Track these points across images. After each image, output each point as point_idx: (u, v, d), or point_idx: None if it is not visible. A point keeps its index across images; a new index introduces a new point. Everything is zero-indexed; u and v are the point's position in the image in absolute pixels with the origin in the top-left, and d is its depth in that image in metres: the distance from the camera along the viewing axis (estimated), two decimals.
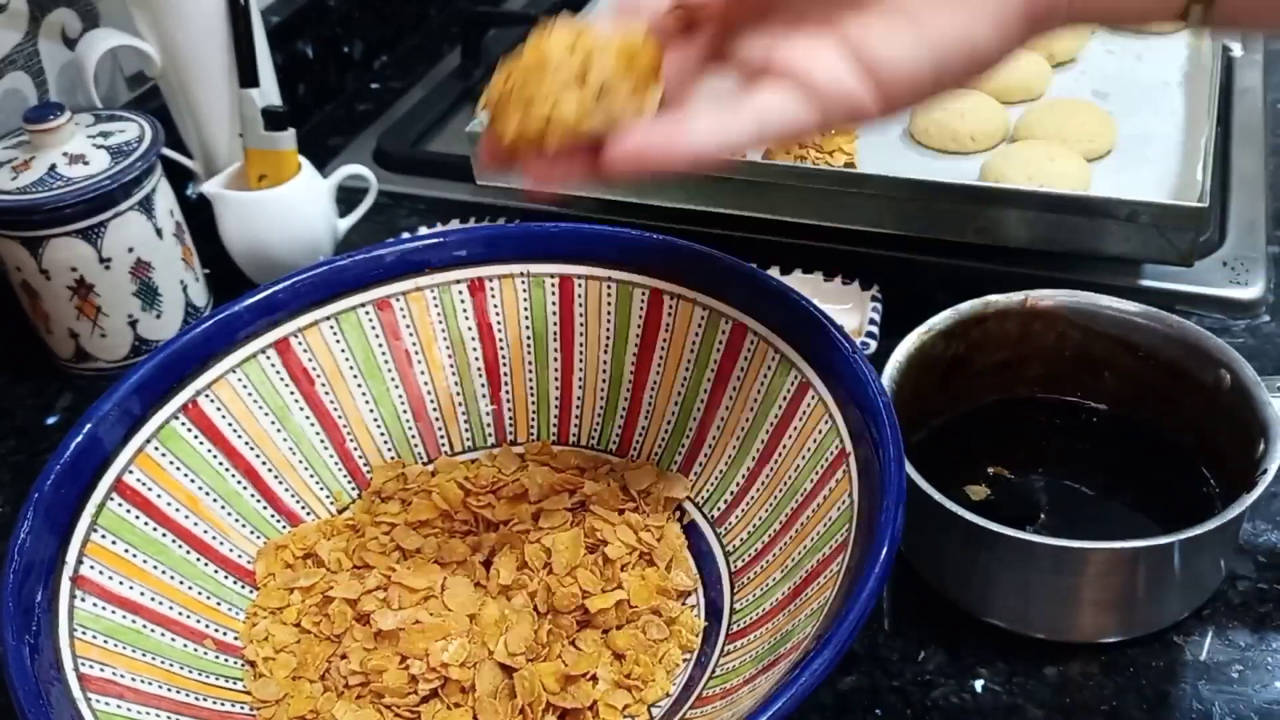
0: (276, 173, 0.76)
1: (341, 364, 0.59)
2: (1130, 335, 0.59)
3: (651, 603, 0.52)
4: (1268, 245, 0.75)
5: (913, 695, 0.52)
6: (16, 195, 0.65)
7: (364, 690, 0.50)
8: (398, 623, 0.51)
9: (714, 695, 0.48)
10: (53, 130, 0.66)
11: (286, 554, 0.55)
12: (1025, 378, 0.62)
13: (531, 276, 0.60)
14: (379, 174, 0.86)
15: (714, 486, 0.57)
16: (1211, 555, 0.52)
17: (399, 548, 0.56)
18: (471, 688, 0.49)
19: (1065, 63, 0.87)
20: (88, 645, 0.46)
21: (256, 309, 0.57)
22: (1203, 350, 0.56)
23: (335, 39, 1.01)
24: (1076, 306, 0.59)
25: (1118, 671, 0.52)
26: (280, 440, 0.57)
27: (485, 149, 0.45)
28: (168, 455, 0.53)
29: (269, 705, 0.50)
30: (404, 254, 0.59)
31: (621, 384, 0.60)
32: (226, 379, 0.56)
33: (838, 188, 0.71)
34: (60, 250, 0.67)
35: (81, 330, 0.71)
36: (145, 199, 0.69)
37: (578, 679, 0.50)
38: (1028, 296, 0.59)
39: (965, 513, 0.50)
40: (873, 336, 0.68)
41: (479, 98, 0.97)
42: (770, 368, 0.55)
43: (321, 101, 1.00)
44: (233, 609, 0.53)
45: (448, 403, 0.61)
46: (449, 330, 0.60)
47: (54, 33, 0.78)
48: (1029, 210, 0.68)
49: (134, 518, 0.51)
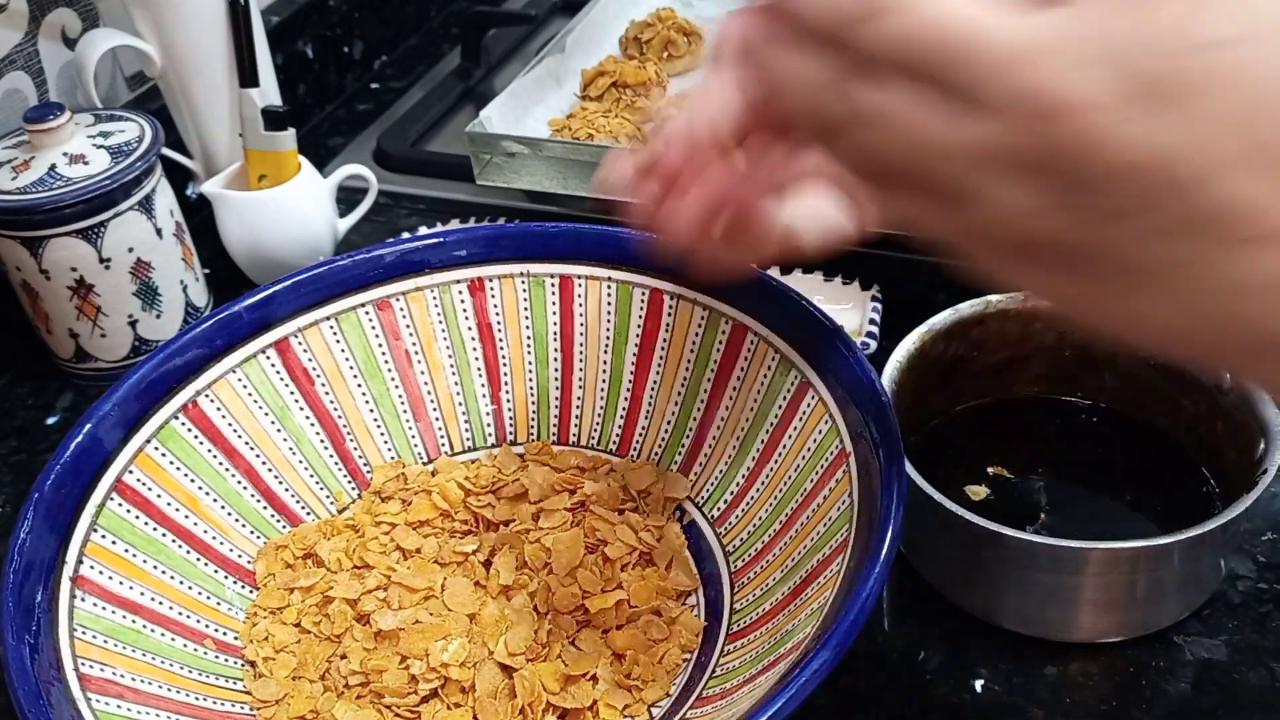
0: (276, 173, 0.76)
1: (341, 364, 0.59)
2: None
3: (651, 603, 0.52)
4: None
5: (913, 695, 0.52)
6: (16, 195, 0.65)
7: (364, 690, 0.50)
8: (398, 623, 0.51)
9: (714, 695, 0.48)
10: (53, 130, 0.67)
11: (286, 554, 0.55)
12: (1025, 378, 0.62)
13: (531, 276, 0.60)
14: (379, 174, 0.86)
15: (714, 486, 0.57)
16: (1211, 555, 0.52)
17: (399, 548, 0.56)
18: (471, 688, 0.49)
19: None
20: (88, 645, 0.46)
21: (256, 309, 0.57)
22: None
23: (335, 39, 1.01)
24: None
25: (1117, 671, 0.52)
26: (280, 440, 0.57)
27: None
28: (168, 455, 0.53)
29: (269, 705, 0.50)
30: (404, 254, 0.59)
31: (621, 384, 0.60)
32: (226, 379, 0.56)
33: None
34: (60, 250, 0.67)
35: (81, 330, 0.71)
36: (145, 199, 0.69)
37: (578, 679, 0.50)
38: (1028, 296, 0.59)
39: (965, 513, 0.50)
40: (873, 336, 0.68)
41: (479, 97, 0.98)
42: (770, 368, 0.55)
43: (321, 101, 1.00)
44: (233, 609, 0.53)
45: (448, 403, 0.61)
46: (449, 330, 0.60)
47: (54, 33, 0.78)
48: None
49: (134, 518, 0.51)
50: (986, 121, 0.29)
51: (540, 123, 0.85)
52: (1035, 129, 0.28)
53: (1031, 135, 0.28)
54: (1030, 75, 0.28)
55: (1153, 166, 0.28)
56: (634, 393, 0.60)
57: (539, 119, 0.86)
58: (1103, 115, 0.28)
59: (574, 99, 0.90)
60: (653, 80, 0.88)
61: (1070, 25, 0.28)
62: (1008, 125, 0.29)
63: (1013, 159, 0.29)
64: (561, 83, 0.90)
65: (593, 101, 0.88)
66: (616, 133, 0.80)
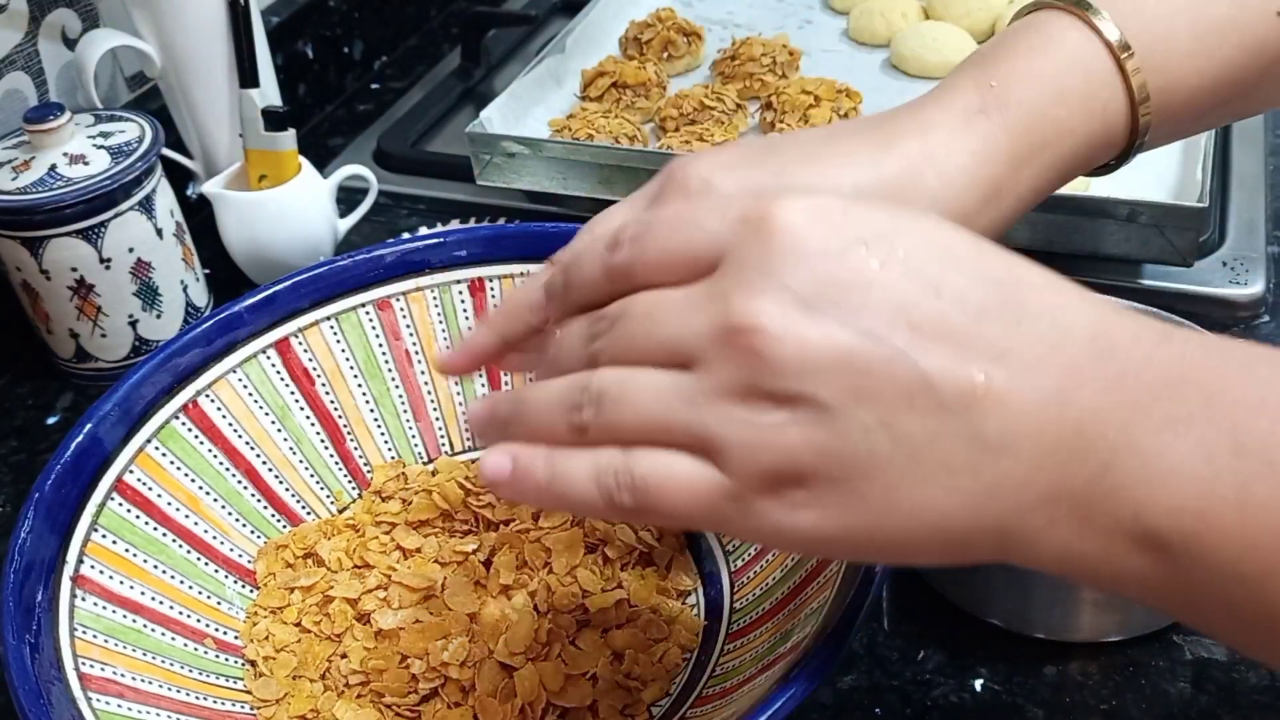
0: (277, 173, 0.76)
1: (342, 364, 0.59)
2: None
3: (651, 602, 0.52)
4: (1267, 245, 0.75)
5: (912, 695, 0.52)
6: (17, 195, 0.65)
7: (364, 689, 0.50)
8: (398, 622, 0.51)
9: (714, 695, 0.48)
10: (53, 130, 0.67)
11: (287, 553, 0.55)
12: None
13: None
14: (379, 174, 0.86)
15: None
16: None
17: (399, 547, 0.56)
18: (471, 687, 0.49)
19: None
20: (88, 644, 0.46)
21: (256, 309, 0.57)
22: None
23: (335, 39, 1.01)
24: None
25: (1117, 671, 0.52)
26: (281, 440, 0.57)
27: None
28: (168, 455, 0.53)
29: (269, 704, 0.50)
30: (404, 254, 0.59)
31: None
32: (227, 379, 0.56)
33: None
34: (60, 250, 0.67)
35: (82, 330, 0.71)
36: (145, 199, 0.69)
37: (578, 678, 0.50)
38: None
39: None
40: None
41: (479, 98, 0.98)
42: None
43: (322, 102, 1.00)
44: (233, 608, 0.53)
45: (448, 402, 0.61)
46: (449, 330, 0.60)
47: (54, 33, 0.78)
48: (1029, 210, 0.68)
49: (134, 517, 0.51)
50: (699, 369, 0.33)
51: (540, 123, 0.85)
52: (726, 356, 0.32)
53: (726, 362, 0.32)
54: (709, 315, 0.33)
55: (837, 357, 0.31)
56: None
57: (539, 119, 0.86)
58: (776, 323, 0.31)
59: (574, 99, 0.90)
60: (653, 80, 0.88)
61: (721, 276, 0.33)
62: (710, 363, 0.32)
63: (724, 388, 0.32)
64: (561, 83, 0.90)
65: (593, 102, 0.88)
66: (616, 133, 0.80)
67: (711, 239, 0.34)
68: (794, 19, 0.99)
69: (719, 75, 0.90)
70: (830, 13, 0.99)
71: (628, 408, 0.34)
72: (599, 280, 0.37)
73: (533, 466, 0.36)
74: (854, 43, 0.95)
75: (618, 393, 0.34)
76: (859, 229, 0.32)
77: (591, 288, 0.37)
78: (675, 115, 0.83)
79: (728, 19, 1.00)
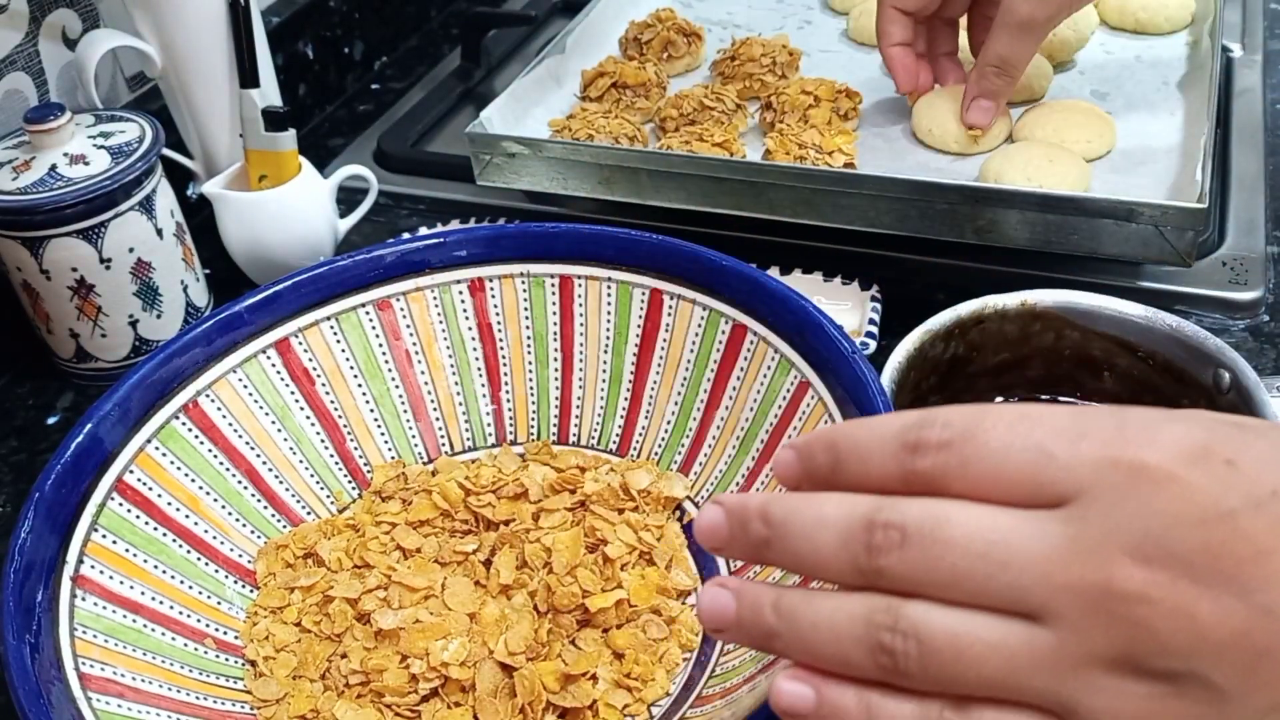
0: (277, 173, 0.76)
1: (342, 364, 0.59)
2: (1130, 335, 0.59)
3: (651, 602, 0.52)
4: (1267, 245, 0.75)
5: None
6: (17, 195, 0.65)
7: (364, 690, 0.50)
8: (398, 622, 0.51)
9: (714, 694, 0.48)
10: (53, 130, 0.67)
11: (287, 553, 0.55)
12: (1025, 378, 0.62)
13: (531, 276, 0.60)
14: (379, 174, 0.86)
15: (714, 486, 0.57)
16: None
17: (399, 547, 0.56)
18: (471, 687, 0.49)
19: (1065, 63, 0.87)
20: (88, 644, 0.46)
21: (256, 309, 0.57)
22: (1202, 350, 0.56)
23: (335, 39, 1.01)
24: (1075, 307, 0.59)
25: None
26: (281, 440, 0.57)
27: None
28: (168, 455, 0.53)
29: (269, 704, 0.50)
30: (404, 254, 0.60)
31: (621, 384, 0.60)
32: (227, 379, 0.56)
33: (837, 188, 0.71)
34: (61, 250, 0.67)
35: (82, 330, 0.71)
36: (145, 199, 0.69)
37: (578, 678, 0.50)
38: (1026, 297, 0.59)
39: None
40: (872, 337, 0.68)
41: (479, 98, 0.98)
42: (770, 367, 0.55)
43: (322, 102, 1.00)
44: (233, 608, 0.53)
45: (448, 402, 0.61)
46: (449, 330, 0.60)
47: (54, 33, 0.78)
48: (1028, 210, 0.68)
49: (134, 517, 0.51)
50: (1059, 629, 0.29)
51: (540, 123, 0.85)
52: (1100, 623, 0.28)
53: (1099, 629, 0.28)
54: (1077, 571, 0.28)
55: (1228, 639, 0.28)
56: (634, 392, 0.60)
57: (539, 119, 0.86)
58: (1165, 594, 0.28)
59: (574, 100, 0.90)
60: (653, 81, 0.88)
61: (1084, 522, 0.29)
62: (1076, 625, 0.29)
63: (1093, 657, 0.29)
64: (561, 83, 0.90)
65: (593, 102, 0.88)
66: (616, 133, 0.80)
67: (1066, 473, 0.29)
68: (794, 19, 0.99)
69: (719, 76, 0.90)
70: (830, 13, 0.99)
71: (969, 669, 0.30)
72: (888, 479, 0.32)
73: (843, 705, 0.31)
74: (854, 43, 0.95)
75: (946, 642, 0.30)
76: (1252, 485, 0.28)
77: (875, 482, 0.32)
78: (675, 115, 0.83)
79: (727, 19, 1.00)
